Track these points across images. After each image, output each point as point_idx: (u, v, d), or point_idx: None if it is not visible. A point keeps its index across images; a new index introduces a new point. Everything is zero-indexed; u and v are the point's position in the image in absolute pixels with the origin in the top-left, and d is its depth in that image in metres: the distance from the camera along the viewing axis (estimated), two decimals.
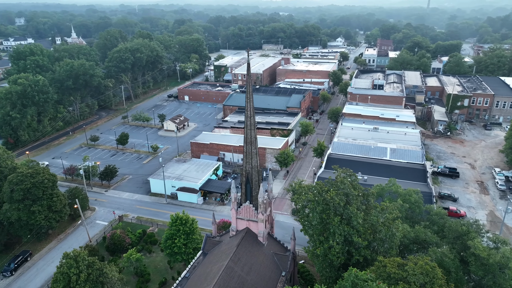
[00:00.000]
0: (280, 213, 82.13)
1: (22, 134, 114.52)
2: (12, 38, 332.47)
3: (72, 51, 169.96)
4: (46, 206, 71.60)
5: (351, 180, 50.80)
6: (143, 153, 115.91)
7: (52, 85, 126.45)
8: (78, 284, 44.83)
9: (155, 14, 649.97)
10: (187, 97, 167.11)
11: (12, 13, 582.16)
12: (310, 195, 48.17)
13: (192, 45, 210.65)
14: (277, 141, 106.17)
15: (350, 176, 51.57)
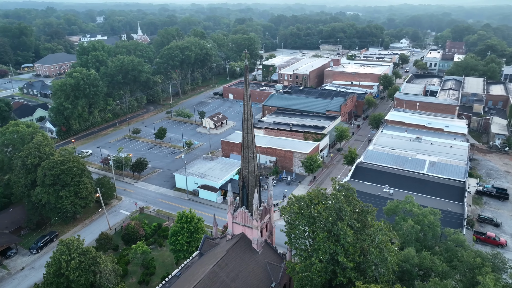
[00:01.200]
0: None
1: (73, 123, 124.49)
2: (89, 34, 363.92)
3: (130, 47, 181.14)
4: (73, 192, 76.86)
5: (347, 195, 47.05)
6: (178, 148, 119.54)
7: (104, 79, 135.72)
8: (68, 270, 47.25)
9: (221, 13, 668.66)
10: (231, 95, 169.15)
11: (95, 12, 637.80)
12: (295, 207, 45.51)
13: (244, 44, 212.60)
14: (307, 145, 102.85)
15: (348, 190, 47.80)
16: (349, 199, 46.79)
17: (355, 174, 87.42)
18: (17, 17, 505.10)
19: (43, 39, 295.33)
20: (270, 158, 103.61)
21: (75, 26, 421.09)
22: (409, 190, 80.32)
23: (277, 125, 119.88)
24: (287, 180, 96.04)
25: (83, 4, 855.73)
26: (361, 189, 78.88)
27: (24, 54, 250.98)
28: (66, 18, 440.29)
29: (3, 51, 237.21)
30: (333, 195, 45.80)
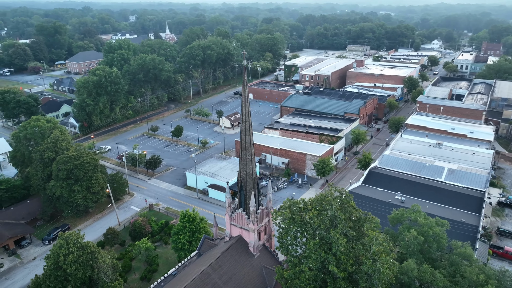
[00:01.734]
0: None
1: (95, 119, 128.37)
2: (120, 33, 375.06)
3: (154, 46, 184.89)
4: (85, 187, 79.09)
5: (344, 202, 45.43)
6: (193, 146, 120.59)
7: (125, 77, 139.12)
8: (65, 264, 48.44)
9: (250, 12, 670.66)
10: (251, 95, 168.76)
11: (128, 11, 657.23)
12: (286, 212, 44.40)
13: (267, 43, 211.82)
14: (320, 148, 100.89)
15: (345, 197, 46.13)
16: (345, 206, 45.18)
17: (367, 179, 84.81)
18: (56, 16, 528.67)
19: (76, 37, 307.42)
20: (283, 160, 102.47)
21: (108, 25, 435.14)
22: (422, 198, 77.10)
23: (292, 127, 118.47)
24: (298, 183, 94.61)
25: (118, 3, 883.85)
26: (371, 195, 76.58)
27: (58, 51, 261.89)
28: (100, 17, 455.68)
29: (38, 49, 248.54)
30: (327, 202, 44.35)
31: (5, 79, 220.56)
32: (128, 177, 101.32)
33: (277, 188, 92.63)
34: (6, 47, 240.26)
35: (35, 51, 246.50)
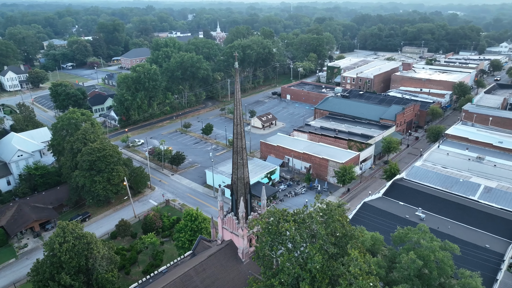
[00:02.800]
0: None
1: (132, 114, 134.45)
2: (175, 31, 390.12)
3: (199, 44, 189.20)
4: (106, 178, 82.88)
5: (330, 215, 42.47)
6: (221, 145, 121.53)
7: (164, 74, 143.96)
8: (60, 252, 50.92)
9: (306, 11, 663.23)
10: (289, 96, 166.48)
11: (187, 10, 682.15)
12: (262, 222, 42.44)
13: (312, 44, 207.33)
14: (345, 154, 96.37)
15: (331, 211, 43.10)
16: (329, 220, 42.26)
17: (389, 192, 79.34)
18: (121, 15, 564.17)
19: (134, 35, 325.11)
20: (306, 164, 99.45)
21: (166, 23, 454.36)
22: (447, 216, 70.51)
23: (322, 130, 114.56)
24: (317, 189, 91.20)
25: (180, 2, 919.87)
26: (388, 209, 71.45)
27: (115, 48, 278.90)
28: (159, 16, 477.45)
29: (98, 45, 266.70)
30: (308, 214, 41.83)
31: (67, 72, 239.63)
32: (153, 171, 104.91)
33: (294, 194, 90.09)
34: (70, 43, 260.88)
35: (95, 47, 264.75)
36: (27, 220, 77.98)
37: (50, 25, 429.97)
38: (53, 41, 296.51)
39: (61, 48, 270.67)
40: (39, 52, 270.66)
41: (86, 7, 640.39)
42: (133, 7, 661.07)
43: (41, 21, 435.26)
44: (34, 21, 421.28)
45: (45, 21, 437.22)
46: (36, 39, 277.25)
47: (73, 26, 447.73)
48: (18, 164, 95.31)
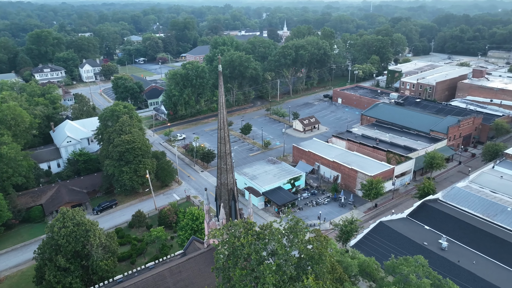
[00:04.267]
0: None
1: (180, 109, 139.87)
2: (245, 29, 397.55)
3: (256, 43, 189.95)
4: (133, 170, 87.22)
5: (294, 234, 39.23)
6: (257, 145, 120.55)
7: (213, 72, 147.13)
8: (58, 235, 54.64)
9: (386, 10, 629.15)
10: (340, 99, 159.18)
11: (263, 9, 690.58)
12: (219, 232, 40.47)
13: (375, 45, 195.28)
14: (377, 167, 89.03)
15: (299, 229, 39.74)
16: (293, 240, 39.04)
17: (416, 213, 71.54)
18: (199, 13, 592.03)
19: (205, 32, 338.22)
20: (335, 173, 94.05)
21: (239, 22, 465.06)
22: (478, 250, 61.49)
23: (362, 139, 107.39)
24: (341, 201, 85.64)
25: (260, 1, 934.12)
26: (406, 233, 64.34)
27: (184, 45, 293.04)
28: (233, 15, 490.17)
29: (168, 42, 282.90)
30: (270, 231, 39.08)
31: (138, 66, 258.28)
32: (185, 167, 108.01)
33: (315, 203, 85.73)
34: (144, 40, 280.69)
35: (166, 44, 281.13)
36: (61, 201, 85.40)
37: (135, 22, 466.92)
38: (131, 38, 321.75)
39: (137, 44, 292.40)
40: (118, 47, 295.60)
41: (170, 6, 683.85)
42: (212, 5, 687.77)
43: (128, 18, 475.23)
44: (122, 19, 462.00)
45: (131, 19, 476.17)
46: (117, 35, 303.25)
47: (154, 23, 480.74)
48: (67, 149, 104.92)
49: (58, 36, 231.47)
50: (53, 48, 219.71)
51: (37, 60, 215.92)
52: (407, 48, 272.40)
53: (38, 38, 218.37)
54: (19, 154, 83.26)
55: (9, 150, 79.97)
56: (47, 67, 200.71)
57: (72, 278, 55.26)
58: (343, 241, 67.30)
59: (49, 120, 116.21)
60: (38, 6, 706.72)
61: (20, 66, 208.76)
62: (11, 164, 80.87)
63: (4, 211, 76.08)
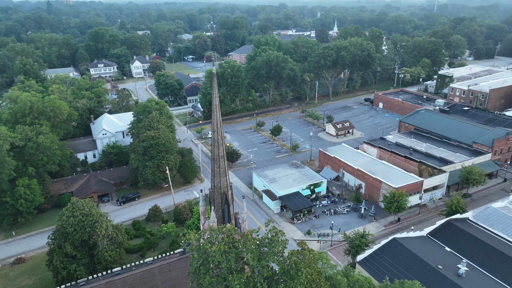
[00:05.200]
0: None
1: None
2: (295, 29, 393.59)
3: (299, 43, 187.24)
4: (156, 165, 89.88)
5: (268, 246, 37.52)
6: (286, 148, 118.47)
7: (250, 72, 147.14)
8: (66, 224, 57.69)
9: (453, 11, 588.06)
10: (381, 104, 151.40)
11: (318, 8, 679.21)
12: (194, 237, 39.63)
13: (426, 47, 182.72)
14: (405, 178, 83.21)
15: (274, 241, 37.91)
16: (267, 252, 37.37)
17: (438, 232, 65.88)
18: (253, 12, 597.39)
19: (254, 32, 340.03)
20: (359, 182, 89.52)
21: (291, 21, 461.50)
22: (501, 279, 54.97)
23: (395, 147, 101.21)
24: (360, 212, 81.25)
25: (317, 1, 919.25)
26: (421, 253, 59.45)
27: (232, 44, 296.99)
28: (285, 14, 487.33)
29: (217, 41, 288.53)
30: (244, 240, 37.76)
31: (186, 64, 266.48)
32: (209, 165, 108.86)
33: (333, 212, 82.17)
34: (194, 38, 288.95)
35: (214, 42, 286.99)
36: (88, 190, 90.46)
37: (190, 21, 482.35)
38: (182, 36, 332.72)
39: (187, 42, 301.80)
40: (170, 45, 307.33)
41: (227, 5, 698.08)
42: (267, 5, 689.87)
43: (184, 17, 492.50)
44: (178, 17, 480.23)
45: (187, 17, 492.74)
46: (170, 33, 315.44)
47: (208, 22, 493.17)
48: (102, 141, 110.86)
49: (114, 34, 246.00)
50: (108, 45, 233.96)
51: (94, 56, 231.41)
52: (467, 51, 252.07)
53: (96, 35, 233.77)
54: (54, 143, 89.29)
55: (45, 139, 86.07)
56: (101, 63, 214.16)
57: (77, 265, 58.02)
58: (352, 255, 63.71)
59: (91, 112, 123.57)
60: (106, 5, 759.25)
61: (78, 61, 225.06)
62: (47, 153, 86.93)
63: (37, 196, 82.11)
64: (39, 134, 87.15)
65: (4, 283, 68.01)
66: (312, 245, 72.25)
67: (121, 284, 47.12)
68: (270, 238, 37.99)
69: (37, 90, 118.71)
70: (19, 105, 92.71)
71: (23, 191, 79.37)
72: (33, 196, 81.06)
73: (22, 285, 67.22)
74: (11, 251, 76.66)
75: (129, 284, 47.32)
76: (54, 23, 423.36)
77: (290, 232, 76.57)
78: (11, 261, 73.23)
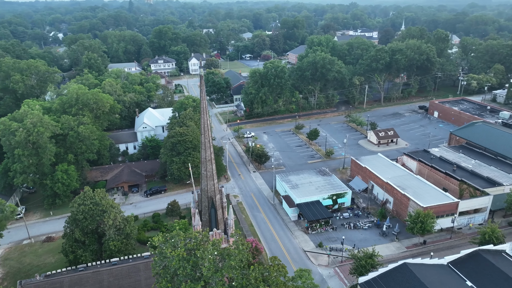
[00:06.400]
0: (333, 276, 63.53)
1: (256, 107, 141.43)
2: (360, 29, 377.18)
3: (354, 45, 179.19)
4: (182, 161, 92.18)
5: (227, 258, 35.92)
6: (321, 153, 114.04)
7: (294, 73, 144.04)
8: (77, 211, 61.41)
9: None
10: (436, 113, 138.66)
11: (391, 7, 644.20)
12: (158, 239, 39.04)
13: (500, 52, 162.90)
14: (436, 197, 75.10)
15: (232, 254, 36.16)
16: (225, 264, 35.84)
17: (461, 262, 58.35)
18: (321, 11, 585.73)
19: (316, 31, 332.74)
20: (388, 196, 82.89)
21: (358, 21, 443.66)
22: None
23: (438, 162, 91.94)
24: (382, 229, 75.06)
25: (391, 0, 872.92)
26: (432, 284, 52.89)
27: (291, 43, 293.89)
28: (353, 13, 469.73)
29: (276, 40, 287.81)
30: (203, 248, 36.60)
31: (243, 62, 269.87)
32: (241, 165, 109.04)
33: (353, 226, 77.03)
34: (253, 37, 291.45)
35: (273, 42, 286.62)
36: (120, 180, 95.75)
37: (256, 20, 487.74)
38: (243, 35, 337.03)
39: (247, 40, 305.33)
40: (230, 43, 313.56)
41: (294, 4, 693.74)
42: (337, 3, 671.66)
43: (251, 16, 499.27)
44: (245, 16, 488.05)
45: (253, 16, 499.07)
46: (231, 32, 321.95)
47: (274, 21, 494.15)
48: (142, 134, 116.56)
49: (176, 32, 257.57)
50: (170, 42, 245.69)
51: (156, 52, 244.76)
52: None
53: (160, 32, 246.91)
54: (93, 133, 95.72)
55: (85, 130, 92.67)
56: (161, 59, 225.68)
57: (84, 251, 61.48)
58: (357, 276, 59.00)
59: (137, 106, 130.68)
60: (181, 4, 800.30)
61: (142, 56, 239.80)
62: (85, 142, 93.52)
63: (73, 181, 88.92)
64: (80, 124, 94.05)
65: (32, 258, 74.61)
66: (321, 259, 68.59)
67: (106, 275, 48.84)
68: (228, 250, 36.40)
69: (92, 83, 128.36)
70: (68, 96, 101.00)
71: (60, 176, 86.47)
72: (69, 181, 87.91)
73: (46, 262, 73.11)
74: (46, 229, 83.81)
75: (114, 276, 48.83)
76: (131, 20, 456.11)
77: (301, 242, 73.45)
78: (43, 238, 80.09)
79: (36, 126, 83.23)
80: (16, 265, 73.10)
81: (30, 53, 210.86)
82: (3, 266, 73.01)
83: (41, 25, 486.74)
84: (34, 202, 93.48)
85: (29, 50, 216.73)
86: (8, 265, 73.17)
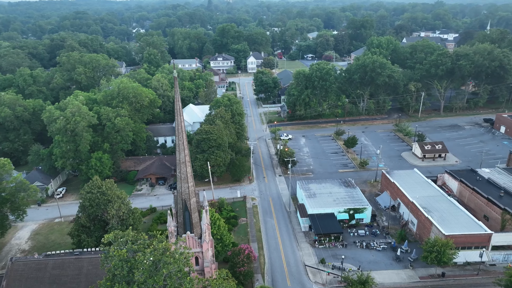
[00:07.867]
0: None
1: (298, 109, 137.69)
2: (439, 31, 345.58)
3: (417, 47, 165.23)
4: (205, 159, 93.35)
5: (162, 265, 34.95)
6: (355, 162, 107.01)
7: (342, 76, 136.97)
8: (84, 198, 65.36)
9: None
10: (503, 127, 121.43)
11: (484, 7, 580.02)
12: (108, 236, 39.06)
13: None
14: (467, 225, 65.62)
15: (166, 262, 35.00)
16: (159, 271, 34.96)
17: None
18: (401, 10, 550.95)
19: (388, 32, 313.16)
20: (412, 218, 74.70)
21: (440, 21, 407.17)
22: None
23: (484, 185, 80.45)
24: (396, 253, 67.73)
25: None
26: None
27: (357, 44, 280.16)
28: (435, 13, 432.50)
29: (340, 40, 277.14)
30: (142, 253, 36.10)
31: (303, 62, 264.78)
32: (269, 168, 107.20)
33: (365, 245, 70.80)
34: (317, 37, 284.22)
35: (337, 42, 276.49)
36: (148, 171, 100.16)
37: (328, 19, 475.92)
38: (308, 34, 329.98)
39: (310, 40, 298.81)
40: (294, 42, 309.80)
41: (373, 3, 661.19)
42: (421, 2, 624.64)
43: (323, 15, 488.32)
44: (317, 15, 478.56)
45: (326, 15, 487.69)
46: (296, 31, 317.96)
47: (346, 20, 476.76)
48: None
49: (239, 30, 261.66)
50: (232, 40, 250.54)
51: (218, 50, 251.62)
52: None
53: (223, 31, 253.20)
54: (129, 125, 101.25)
55: (121, 121, 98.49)
56: (221, 56, 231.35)
57: (88, 236, 65.25)
58: None
59: (181, 101, 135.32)
60: (258, 3, 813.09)
61: (204, 53, 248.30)
62: (121, 133, 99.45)
63: (106, 169, 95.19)
64: (118, 116, 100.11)
65: (57, 236, 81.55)
66: (319, 277, 64.21)
67: (86, 263, 51.08)
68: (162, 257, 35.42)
69: (143, 77, 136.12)
70: (111, 89, 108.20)
71: (94, 163, 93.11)
72: (102, 168, 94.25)
73: (67, 241, 78.95)
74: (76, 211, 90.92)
75: (93, 264, 50.85)
76: (206, 18, 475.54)
77: (305, 255, 69.56)
78: (71, 219, 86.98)
79: (75, 116, 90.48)
80: (42, 240, 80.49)
81: (106, 47, 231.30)
82: (33, 240, 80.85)
83: (128, 22, 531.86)
84: (73, 184, 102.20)
85: (106, 45, 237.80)
86: (36, 240, 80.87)
